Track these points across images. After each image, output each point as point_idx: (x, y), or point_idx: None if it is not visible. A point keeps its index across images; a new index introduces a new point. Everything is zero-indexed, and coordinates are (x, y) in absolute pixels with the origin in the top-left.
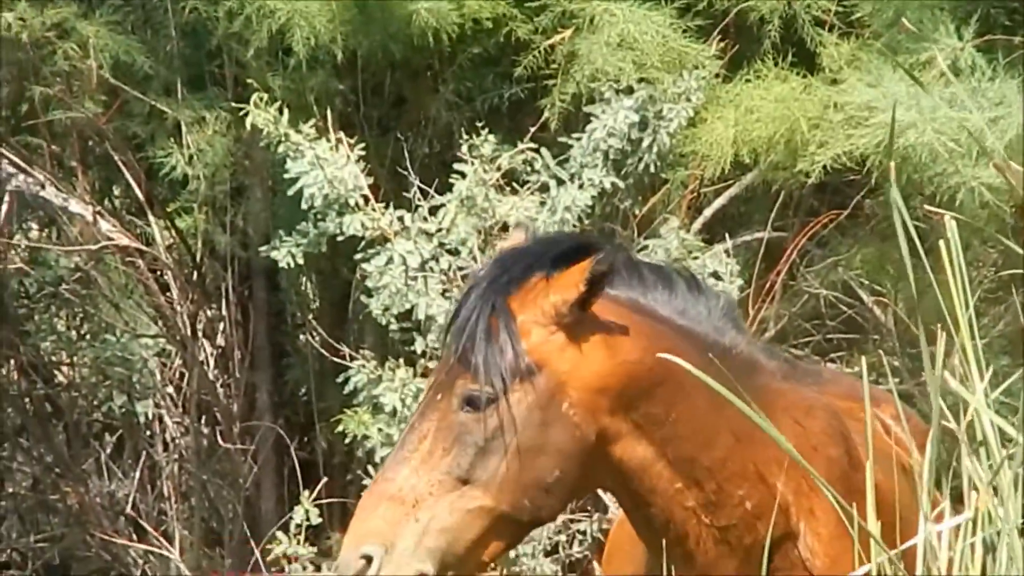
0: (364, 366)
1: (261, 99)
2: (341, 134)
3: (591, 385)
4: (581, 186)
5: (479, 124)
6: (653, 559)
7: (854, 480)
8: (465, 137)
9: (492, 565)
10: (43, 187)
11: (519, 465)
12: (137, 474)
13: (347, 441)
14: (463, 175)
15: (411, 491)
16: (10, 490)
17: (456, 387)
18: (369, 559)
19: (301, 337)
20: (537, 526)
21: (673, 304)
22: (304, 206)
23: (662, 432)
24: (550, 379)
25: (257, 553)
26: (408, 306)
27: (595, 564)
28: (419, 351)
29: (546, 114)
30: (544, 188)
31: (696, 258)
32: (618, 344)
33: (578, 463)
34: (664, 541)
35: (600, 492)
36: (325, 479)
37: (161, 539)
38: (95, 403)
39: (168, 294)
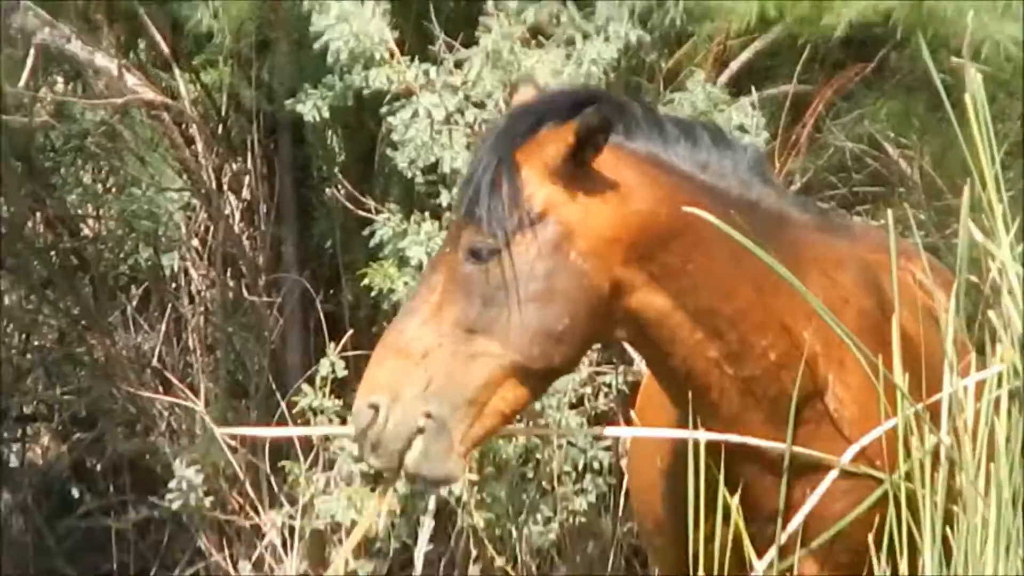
0: (389, 219)
1: None
2: None
3: (602, 234)
4: (607, 39)
5: None
6: (680, 412)
7: (886, 332)
8: None
9: (517, 417)
10: (69, 41)
11: (526, 314)
12: (163, 327)
13: (373, 294)
14: (489, 29)
15: (420, 343)
16: (36, 343)
17: (463, 239)
18: (377, 409)
19: (327, 190)
20: (553, 376)
21: (696, 158)
22: (330, 60)
23: (679, 283)
24: (556, 228)
25: (283, 406)
26: (433, 159)
27: (620, 416)
28: (444, 204)
29: None
30: (570, 42)
31: (722, 111)
32: (630, 195)
33: (588, 312)
34: (688, 393)
35: (626, 344)
36: (351, 332)
37: (187, 391)
38: (121, 256)
39: (193, 147)
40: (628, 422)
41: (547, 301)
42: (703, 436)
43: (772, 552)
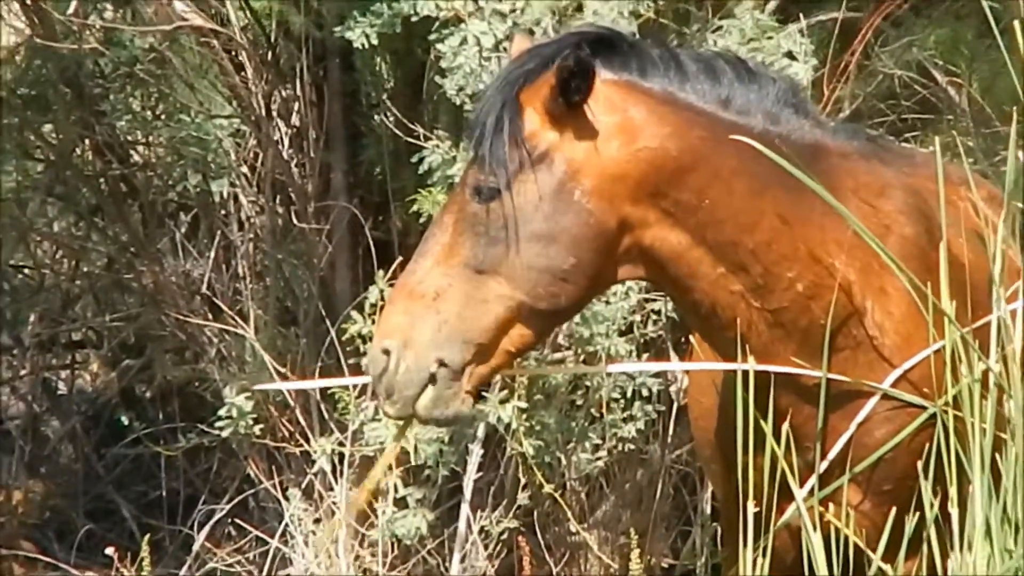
0: (438, 146)
1: None
2: None
3: (607, 172)
4: None
5: None
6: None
7: (933, 259)
8: None
9: (566, 344)
10: None
11: (529, 253)
12: (212, 254)
13: (421, 221)
14: None
15: (431, 283)
16: (85, 270)
17: (469, 178)
18: (389, 354)
19: (376, 117)
20: (561, 317)
21: (716, 93)
22: None
23: (696, 218)
24: (558, 167)
25: (332, 333)
26: (482, 86)
27: (669, 343)
28: None
29: None
30: None
31: (770, 38)
32: (637, 132)
33: (594, 251)
34: (715, 327)
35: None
36: (400, 259)
37: (236, 318)
38: (170, 183)
39: (243, 74)
40: (677, 348)
41: (551, 241)
42: (751, 367)
43: (812, 480)
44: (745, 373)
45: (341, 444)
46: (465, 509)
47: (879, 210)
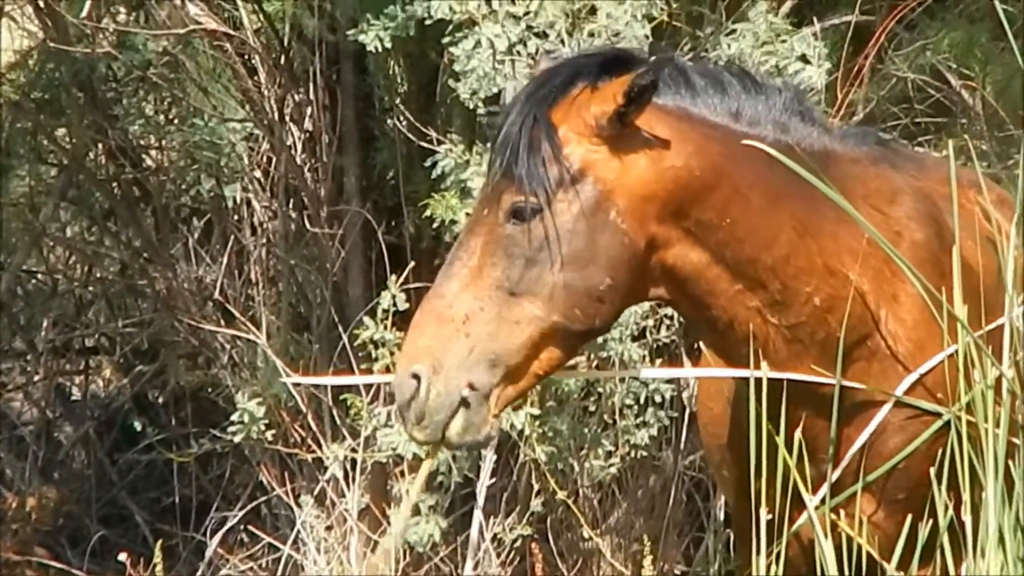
0: (452, 150)
1: None
2: None
3: (637, 193)
4: None
5: None
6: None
7: (945, 263)
8: None
9: (581, 351)
10: None
11: (568, 274)
12: (225, 259)
13: (435, 225)
14: None
15: (461, 307)
16: (98, 275)
17: (502, 200)
18: (419, 379)
19: (389, 121)
20: (591, 337)
21: (727, 106)
22: None
23: (717, 237)
24: (595, 187)
25: (344, 338)
26: (496, 90)
27: (682, 348)
28: None
29: None
30: None
31: (784, 41)
32: (663, 151)
33: (628, 271)
34: (732, 345)
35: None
36: (412, 263)
37: (248, 324)
38: (183, 187)
39: (256, 78)
40: (690, 353)
41: (589, 261)
42: (764, 374)
43: (824, 488)
44: (759, 384)
45: (354, 450)
46: (478, 516)
47: (889, 216)
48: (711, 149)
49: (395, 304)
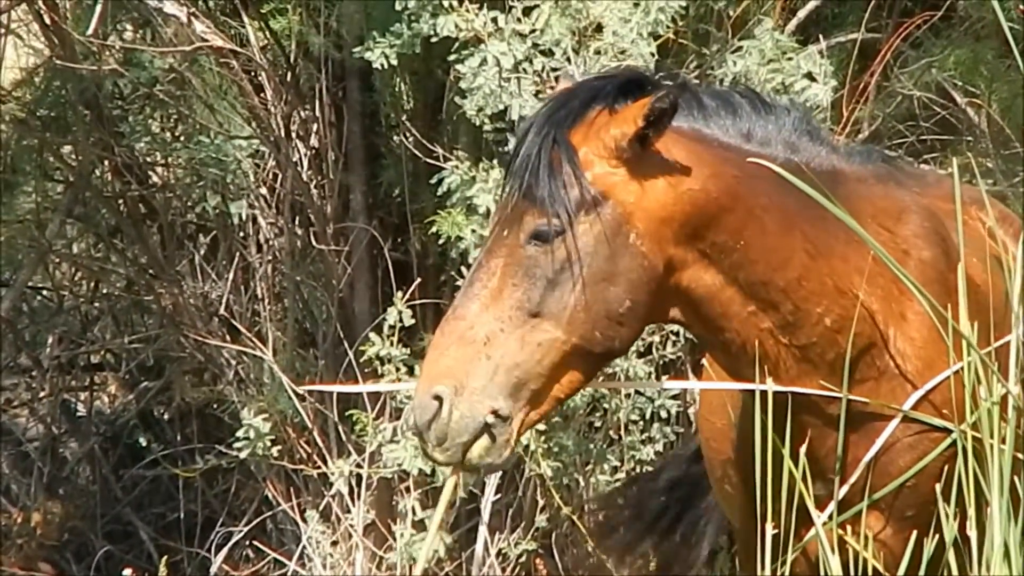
0: (458, 167)
1: None
2: None
3: (656, 215)
4: None
5: None
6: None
7: (952, 281)
8: None
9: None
10: None
11: (589, 296)
12: (231, 275)
13: (441, 242)
14: None
15: (482, 328)
16: (104, 291)
17: (524, 222)
18: (440, 400)
19: (395, 138)
20: (610, 359)
21: (738, 127)
22: (398, 7)
23: (731, 259)
24: (615, 210)
25: (350, 354)
26: (502, 107)
27: (688, 364)
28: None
29: None
30: None
31: (790, 59)
32: (680, 174)
33: (647, 293)
34: (743, 365)
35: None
36: (419, 280)
37: (254, 340)
38: (189, 204)
39: (262, 95)
40: (696, 369)
41: (610, 283)
42: (770, 388)
43: (831, 506)
44: (765, 401)
45: (359, 466)
46: (483, 531)
47: (896, 235)
48: (727, 171)
49: (401, 320)
